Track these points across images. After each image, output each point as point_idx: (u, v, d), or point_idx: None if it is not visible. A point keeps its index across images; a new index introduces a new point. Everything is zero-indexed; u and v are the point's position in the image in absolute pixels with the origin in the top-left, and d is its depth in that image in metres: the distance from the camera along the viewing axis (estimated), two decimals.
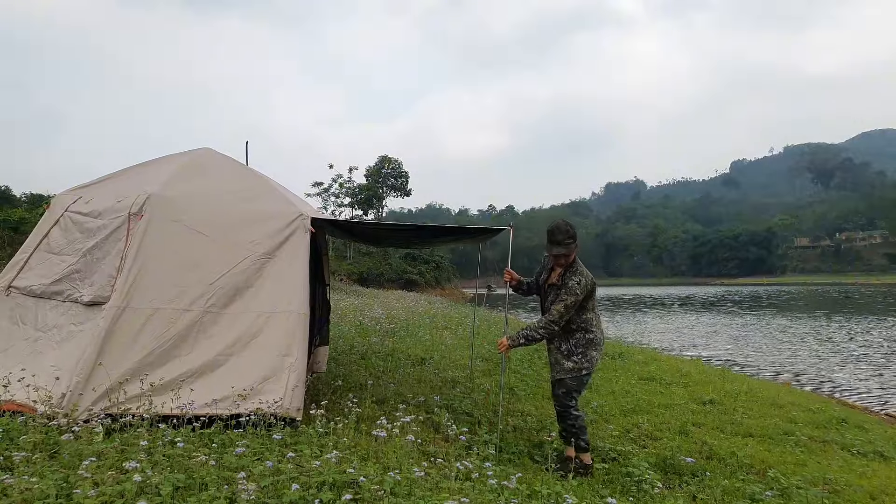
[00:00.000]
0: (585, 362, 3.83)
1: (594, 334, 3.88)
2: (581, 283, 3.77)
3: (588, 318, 3.87)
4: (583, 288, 3.76)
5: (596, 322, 3.92)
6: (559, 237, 3.82)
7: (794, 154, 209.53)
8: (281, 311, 3.84)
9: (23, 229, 19.59)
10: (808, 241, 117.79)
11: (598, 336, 3.91)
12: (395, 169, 58.78)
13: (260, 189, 4.47)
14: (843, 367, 12.42)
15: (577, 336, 3.86)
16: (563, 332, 3.85)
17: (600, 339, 3.93)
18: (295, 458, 2.71)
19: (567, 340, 3.87)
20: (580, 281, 3.77)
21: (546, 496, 2.90)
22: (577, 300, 3.74)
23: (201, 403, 3.36)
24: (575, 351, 3.85)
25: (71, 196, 4.33)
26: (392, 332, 10.22)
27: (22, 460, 2.43)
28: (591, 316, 3.89)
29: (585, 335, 3.86)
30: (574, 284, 3.76)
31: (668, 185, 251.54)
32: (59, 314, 3.84)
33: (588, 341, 3.86)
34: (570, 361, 3.84)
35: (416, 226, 5.79)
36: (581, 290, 3.75)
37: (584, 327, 3.86)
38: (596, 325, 3.91)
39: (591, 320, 3.88)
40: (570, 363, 3.84)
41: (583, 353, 3.84)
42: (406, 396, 5.11)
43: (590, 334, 3.87)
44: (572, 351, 3.85)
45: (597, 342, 3.88)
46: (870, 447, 5.14)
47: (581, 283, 3.77)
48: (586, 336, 3.86)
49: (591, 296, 3.87)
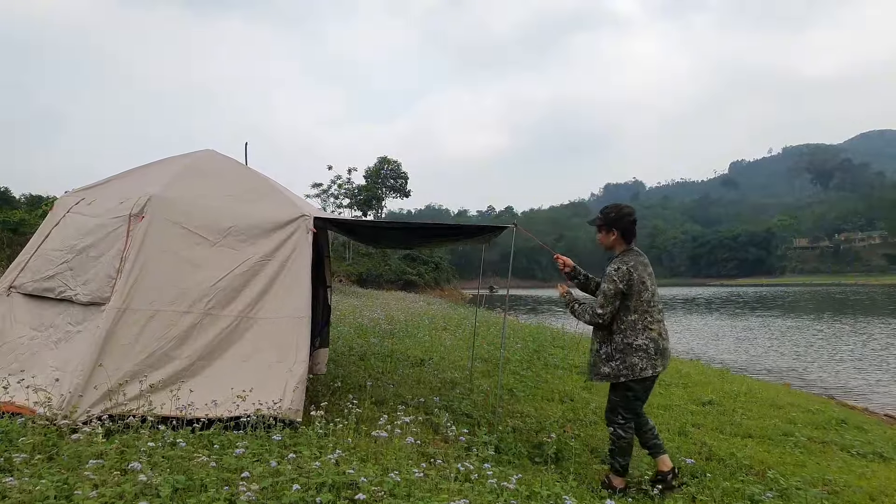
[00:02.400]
0: (624, 369, 3.46)
1: (638, 340, 3.46)
2: (619, 270, 3.45)
3: (632, 321, 3.47)
4: (620, 276, 3.43)
5: (643, 326, 3.48)
6: (600, 211, 3.72)
7: (793, 155, 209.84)
8: (282, 314, 3.84)
9: (22, 230, 19.57)
10: (807, 241, 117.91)
11: (645, 343, 3.46)
12: (394, 170, 58.83)
13: (261, 190, 4.47)
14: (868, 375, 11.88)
15: (617, 339, 3.50)
16: (605, 332, 3.56)
17: (648, 346, 3.46)
18: (295, 460, 2.71)
19: (607, 342, 3.55)
20: (618, 268, 3.48)
21: (545, 497, 2.91)
22: (617, 289, 3.42)
23: (201, 405, 3.36)
24: (613, 356, 3.50)
25: (74, 198, 4.33)
26: (391, 333, 10.22)
27: (22, 462, 2.43)
28: (635, 318, 3.48)
29: (625, 339, 3.47)
30: (612, 270, 3.49)
31: (668, 185, 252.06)
32: (56, 314, 3.84)
33: (627, 346, 3.47)
34: (606, 366, 3.53)
35: (420, 224, 5.71)
36: (619, 277, 3.43)
37: (623, 330, 3.48)
38: (644, 331, 3.47)
39: (636, 323, 3.48)
40: (606, 368, 3.53)
41: (622, 358, 3.47)
42: (405, 397, 5.11)
43: (630, 338, 3.47)
44: (611, 355, 3.51)
45: (642, 349, 3.45)
46: (869, 448, 5.14)
47: (619, 270, 3.45)
48: (625, 341, 3.47)
49: (636, 294, 3.47)
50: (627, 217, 3.63)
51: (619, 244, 3.64)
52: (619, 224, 3.62)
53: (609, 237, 3.65)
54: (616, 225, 3.62)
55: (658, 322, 3.55)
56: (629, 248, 3.64)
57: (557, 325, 15.75)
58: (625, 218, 3.62)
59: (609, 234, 3.65)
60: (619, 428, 3.55)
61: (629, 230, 3.63)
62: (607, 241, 3.67)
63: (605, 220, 3.65)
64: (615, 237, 3.63)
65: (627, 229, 3.62)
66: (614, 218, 3.63)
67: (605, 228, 3.66)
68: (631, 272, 3.47)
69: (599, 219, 3.69)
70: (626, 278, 3.45)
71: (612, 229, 3.63)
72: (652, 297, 3.53)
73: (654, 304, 3.54)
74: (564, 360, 8.80)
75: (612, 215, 3.64)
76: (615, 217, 3.63)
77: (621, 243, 3.64)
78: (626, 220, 3.62)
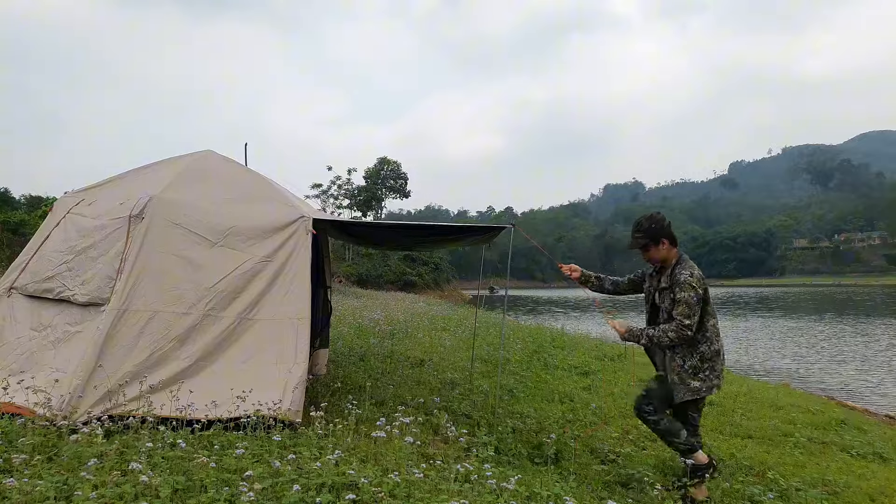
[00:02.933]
0: (715, 378, 3.34)
1: (718, 344, 3.37)
2: (694, 276, 3.33)
3: (713, 325, 3.37)
4: (698, 281, 3.31)
5: (719, 330, 3.43)
6: (633, 231, 3.56)
7: (792, 155, 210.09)
8: (282, 315, 3.84)
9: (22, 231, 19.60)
10: (806, 242, 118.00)
11: (721, 346, 3.41)
12: (394, 170, 58.90)
13: (261, 191, 4.47)
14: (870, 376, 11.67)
15: (703, 348, 3.33)
16: (687, 344, 3.36)
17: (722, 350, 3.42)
18: (294, 460, 2.71)
19: (692, 355, 3.36)
20: (691, 273, 3.34)
21: (545, 498, 2.90)
22: (699, 296, 3.30)
23: (201, 406, 3.35)
24: (702, 367, 3.33)
25: (74, 198, 4.33)
26: (391, 333, 10.21)
27: (21, 463, 2.43)
28: (714, 322, 3.39)
29: (711, 346, 3.34)
30: (687, 277, 3.33)
31: (667, 186, 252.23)
32: (54, 314, 3.84)
33: (715, 353, 3.35)
34: (696, 380, 3.34)
35: (419, 225, 5.76)
36: (697, 283, 3.30)
37: (709, 337, 3.35)
38: (719, 335, 3.42)
39: (716, 327, 3.40)
40: (696, 382, 3.34)
41: (710, 367, 3.33)
42: (405, 398, 5.10)
43: (716, 344, 3.36)
44: (698, 367, 3.33)
45: (723, 354, 3.39)
46: (869, 449, 5.14)
47: (694, 276, 3.33)
48: (712, 348, 3.34)
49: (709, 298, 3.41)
50: (663, 222, 3.53)
51: (672, 252, 3.51)
52: (663, 232, 3.49)
53: (661, 250, 3.50)
54: (661, 234, 3.48)
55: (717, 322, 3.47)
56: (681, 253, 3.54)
57: (557, 326, 15.75)
58: (664, 224, 3.51)
59: (659, 246, 3.49)
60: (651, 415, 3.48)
61: (671, 233, 3.52)
62: (661, 254, 3.51)
63: (649, 234, 3.50)
64: (666, 246, 3.49)
65: (671, 234, 3.52)
66: (657, 229, 3.49)
67: (653, 243, 3.50)
68: (702, 276, 3.37)
69: (640, 236, 3.52)
70: (703, 282, 3.34)
71: (660, 240, 3.48)
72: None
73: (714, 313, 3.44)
74: (564, 360, 8.80)
75: (653, 227, 3.50)
76: (657, 228, 3.50)
77: (672, 250, 3.51)
78: (667, 225, 3.51)
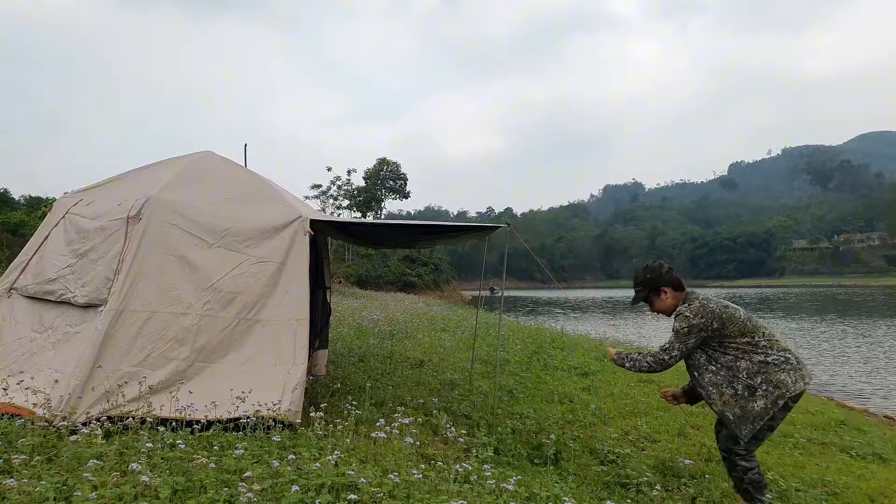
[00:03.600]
0: (776, 389, 3.02)
1: (771, 355, 3.09)
2: (692, 307, 3.19)
3: (746, 343, 3.14)
4: (696, 311, 3.16)
5: (766, 343, 3.13)
6: (633, 286, 3.44)
7: (792, 156, 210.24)
8: (280, 316, 3.84)
9: (22, 231, 19.60)
10: (806, 242, 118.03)
11: (781, 356, 3.10)
12: (393, 171, 58.95)
13: (259, 192, 4.48)
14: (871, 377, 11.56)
15: (743, 364, 3.11)
16: (723, 370, 3.16)
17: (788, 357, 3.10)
18: (294, 461, 2.71)
19: (735, 378, 3.12)
20: (690, 304, 3.22)
21: (545, 498, 2.91)
22: (691, 325, 3.14)
23: (200, 406, 3.35)
24: (755, 384, 3.06)
25: (73, 199, 4.33)
26: (391, 334, 10.21)
27: (21, 463, 2.43)
28: (748, 340, 3.14)
29: (753, 357, 3.10)
30: (683, 308, 3.23)
31: (667, 186, 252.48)
32: (55, 316, 3.84)
33: (762, 364, 3.08)
34: (758, 401, 3.05)
35: (414, 224, 5.79)
36: (694, 313, 3.16)
37: (744, 349, 3.13)
38: (770, 347, 3.12)
39: (755, 342, 3.13)
40: (759, 402, 3.04)
41: (765, 379, 3.05)
42: (405, 399, 5.10)
43: (760, 356, 3.10)
44: (752, 386, 3.07)
45: (779, 363, 3.07)
46: (868, 449, 5.15)
47: (692, 307, 3.19)
48: (754, 359, 3.10)
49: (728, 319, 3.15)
50: (661, 269, 3.40)
51: (676, 298, 3.36)
52: (661, 280, 3.36)
53: (665, 299, 3.36)
54: (659, 283, 3.36)
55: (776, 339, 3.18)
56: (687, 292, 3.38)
57: (556, 327, 15.75)
58: (662, 271, 3.39)
59: (662, 295, 3.36)
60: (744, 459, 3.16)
61: (674, 280, 3.37)
62: (666, 304, 3.37)
63: (647, 285, 3.39)
64: (669, 294, 3.35)
65: (672, 280, 3.37)
66: (654, 278, 3.37)
67: (654, 294, 3.38)
68: (705, 304, 3.18)
69: (640, 289, 3.42)
70: (702, 311, 3.15)
71: (660, 289, 3.36)
72: (749, 318, 3.21)
73: (757, 325, 3.20)
74: (564, 361, 8.80)
75: (650, 277, 3.38)
76: (654, 277, 3.37)
77: (678, 296, 3.37)
78: (665, 273, 3.38)
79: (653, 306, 3.43)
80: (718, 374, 3.18)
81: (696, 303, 3.21)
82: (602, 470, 3.97)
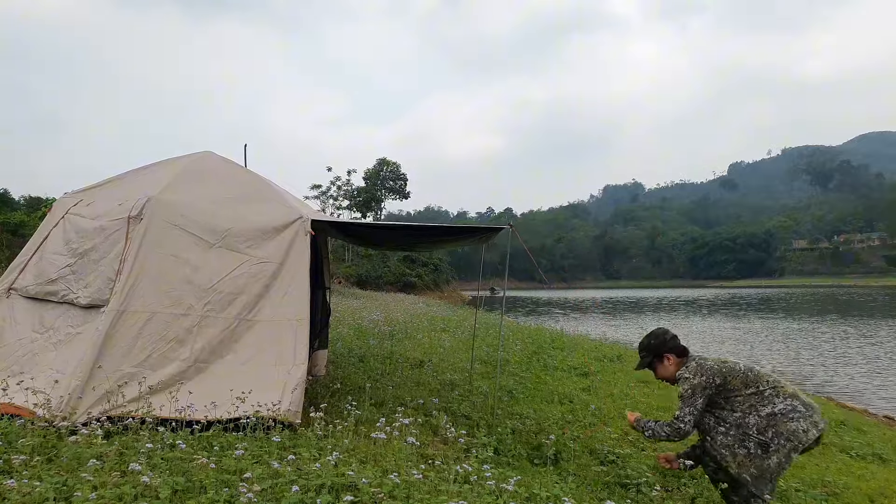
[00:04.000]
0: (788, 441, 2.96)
1: (778, 405, 3.02)
2: (690, 368, 3.17)
3: (749, 394, 3.08)
4: (693, 371, 3.14)
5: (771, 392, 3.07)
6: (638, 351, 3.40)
7: (792, 156, 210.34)
8: (281, 316, 3.85)
9: (22, 232, 19.60)
10: (806, 243, 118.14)
11: (789, 405, 3.02)
12: (393, 171, 58.97)
13: (260, 192, 4.48)
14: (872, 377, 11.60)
15: (752, 419, 3.04)
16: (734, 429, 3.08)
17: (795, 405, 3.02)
18: (294, 461, 2.71)
19: (746, 435, 3.04)
20: (688, 366, 3.20)
21: (544, 499, 2.91)
22: (692, 385, 3.10)
23: (200, 407, 3.35)
24: (766, 439, 2.99)
25: (73, 199, 4.33)
26: (390, 334, 10.21)
27: (21, 463, 2.43)
28: (753, 390, 3.08)
29: (761, 410, 3.03)
30: (682, 371, 3.21)
31: (667, 187, 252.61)
32: (56, 316, 3.85)
33: (771, 416, 3.00)
34: (771, 458, 2.98)
35: (416, 226, 5.80)
36: (694, 372, 3.13)
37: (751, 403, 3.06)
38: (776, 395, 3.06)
39: (761, 393, 3.07)
40: (773, 460, 2.97)
41: (776, 432, 2.98)
42: (405, 399, 5.10)
43: (766, 408, 3.03)
44: (764, 442, 2.99)
45: (787, 412, 3.00)
46: (868, 450, 5.15)
47: (690, 368, 3.17)
48: (762, 412, 3.02)
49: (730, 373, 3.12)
50: (665, 336, 3.37)
51: (679, 365, 3.33)
52: (664, 347, 3.34)
53: (668, 366, 3.34)
54: (662, 349, 3.34)
55: (781, 386, 3.11)
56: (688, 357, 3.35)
57: (556, 327, 15.75)
58: (665, 338, 3.36)
59: (665, 362, 3.34)
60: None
61: (678, 347, 3.34)
62: (669, 371, 3.34)
63: (651, 351, 3.36)
64: (672, 360, 3.33)
65: (676, 347, 3.34)
66: (657, 345, 3.35)
67: (658, 360, 3.36)
68: (702, 363, 3.17)
69: (645, 355, 3.40)
70: (701, 370, 3.13)
71: (663, 356, 3.33)
72: (751, 368, 3.16)
73: (759, 374, 3.14)
74: (563, 361, 8.80)
75: (653, 343, 3.36)
76: (658, 343, 3.35)
77: (680, 362, 3.33)
78: (669, 340, 3.35)
79: (656, 373, 3.40)
80: (728, 435, 3.10)
81: (693, 363, 3.19)
82: (602, 470, 3.97)
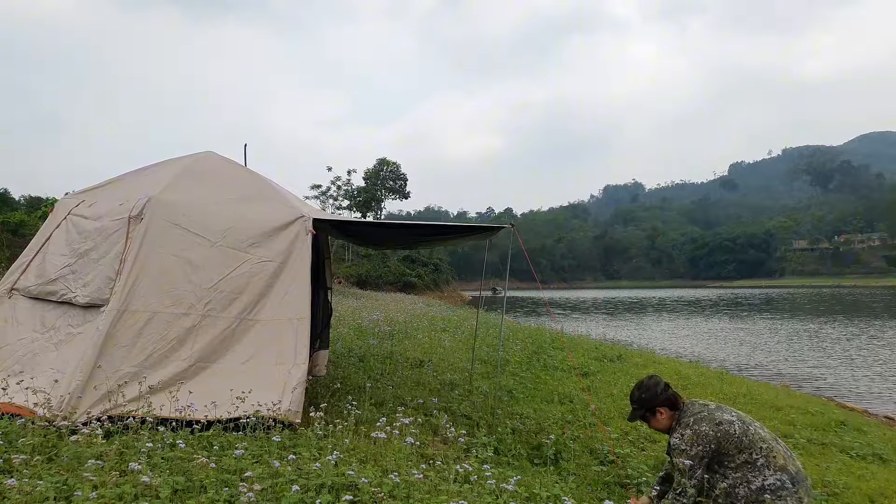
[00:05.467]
0: None
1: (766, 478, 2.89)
2: (685, 437, 3.00)
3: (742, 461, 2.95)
4: (690, 440, 2.99)
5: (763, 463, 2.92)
6: (630, 402, 3.26)
7: (792, 156, 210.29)
8: (281, 316, 3.84)
9: (22, 232, 19.61)
10: (806, 243, 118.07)
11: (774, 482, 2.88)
12: (393, 171, 58.96)
13: (261, 192, 4.48)
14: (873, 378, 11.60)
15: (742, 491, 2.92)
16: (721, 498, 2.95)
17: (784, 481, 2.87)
18: (294, 461, 2.71)
19: None
20: (681, 435, 3.03)
21: (545, 498, 2.91)
22: (689, 456, 2.97)
23: (200, 406, 3.35)
24: None
25: (75, 199, 4.34)
26: (391, 334, 10.22)
27: (21, 463, 2.43)
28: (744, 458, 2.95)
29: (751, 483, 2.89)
30: (677, 441, 3.03)
31: (667, 187, 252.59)
32: (57, 316, 3.84)
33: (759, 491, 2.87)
34: None
35: (418, 224, 5.80)
36: (688, 444, 2.98)
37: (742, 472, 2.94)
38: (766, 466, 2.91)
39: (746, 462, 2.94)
40: None
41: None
42: (405, 399, 5.11)
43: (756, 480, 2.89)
44: None
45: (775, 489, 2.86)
46: (868, 450, 5.15)
47: (685, 437, 3.00)
48: (752, 485, 2.89)
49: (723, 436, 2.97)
50: (656, 388, 3.22)
51: (672, 417, 3.21)
52: (656, 401, 3.20)
53: (661, 419, 3.20)
54: (654, 403, 3.20)
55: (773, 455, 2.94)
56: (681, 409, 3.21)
57: (556, 327, 15.74)
58: (657, 390, 3.21)
59: (657, 415, 3.20)
60: None
61: (670, 397, 3.20)
62: (662, 423, 3.22)
63: (644, 404, 3.23)
64: (665, 414, 3.19)
65: (668, 398, 3.20)
66: (648, 398, 3.21)
67: (650, 413, 3.22)
68: (697, 430, 3.00)
69: (637, 408, 3.27)
70: (697, 439, 2.98)
71: (656, 410, 3.20)
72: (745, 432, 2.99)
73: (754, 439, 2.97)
74: (563, 361, 8.80)
75: (644, 397, 3.21)
76: (649, 397, 3.21)
77: (673, 415, 3.21)
78: (660, 393, 3.20)
79: (650, 425, 3.29)
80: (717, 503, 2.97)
81: (689, 431, 3.02)
82: (602, 470, 3.97)
